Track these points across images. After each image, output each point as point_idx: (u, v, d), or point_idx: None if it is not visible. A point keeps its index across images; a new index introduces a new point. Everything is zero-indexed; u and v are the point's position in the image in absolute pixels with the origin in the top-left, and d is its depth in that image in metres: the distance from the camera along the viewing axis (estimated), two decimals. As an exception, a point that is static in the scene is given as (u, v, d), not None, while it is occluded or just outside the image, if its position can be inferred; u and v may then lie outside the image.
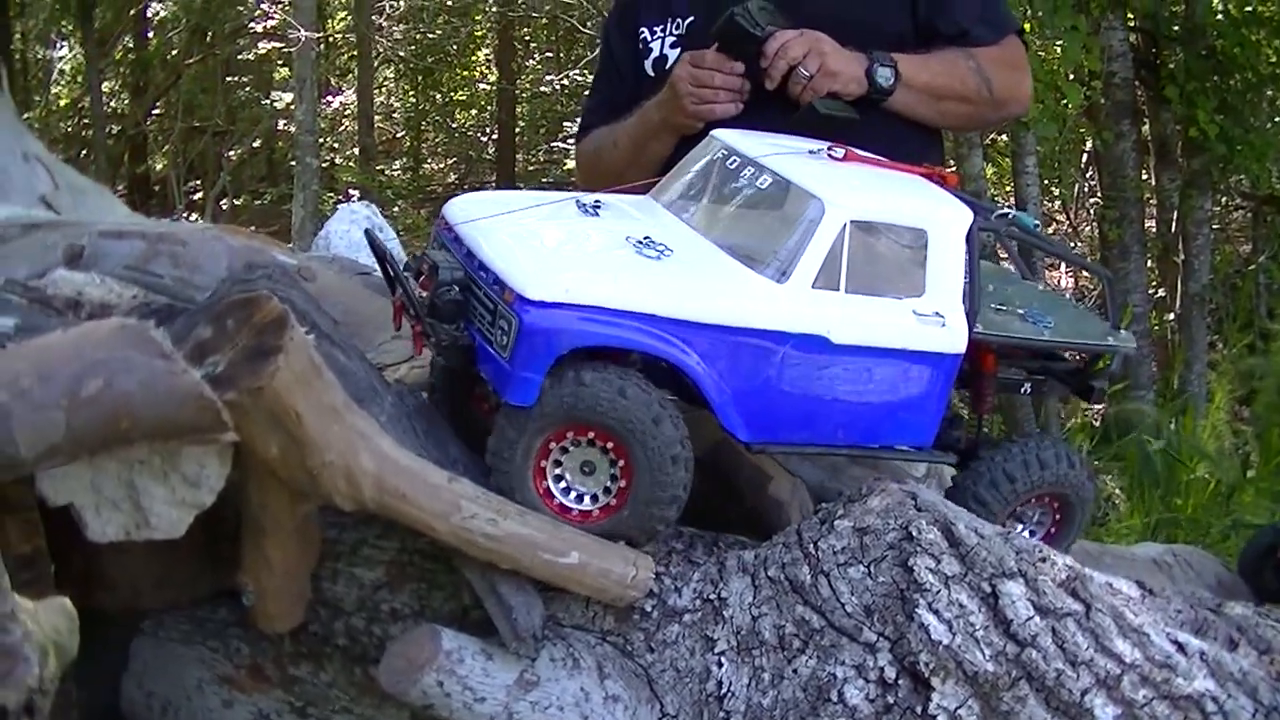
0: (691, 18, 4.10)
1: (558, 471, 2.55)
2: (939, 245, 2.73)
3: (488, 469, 2.64)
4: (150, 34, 21.68)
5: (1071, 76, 10.32)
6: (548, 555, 2.44)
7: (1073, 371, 3.09)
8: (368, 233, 2.90)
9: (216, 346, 2.21)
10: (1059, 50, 10.24)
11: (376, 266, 2.83)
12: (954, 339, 2.73)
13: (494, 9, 20.64)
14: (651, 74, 4.13)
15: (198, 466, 2.30)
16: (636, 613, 2.59)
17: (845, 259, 2.64)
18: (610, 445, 2.52)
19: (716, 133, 3.05)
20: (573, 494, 2.56)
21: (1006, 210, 3.05)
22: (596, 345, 2.49)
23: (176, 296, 3.03)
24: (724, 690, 2.50)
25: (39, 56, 21.70)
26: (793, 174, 2.77)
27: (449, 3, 21.13)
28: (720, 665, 2.52)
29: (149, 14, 21.00)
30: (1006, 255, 3.30)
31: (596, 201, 2.86)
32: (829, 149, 2.96)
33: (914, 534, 2.51)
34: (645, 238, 2.68)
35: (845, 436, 2.74)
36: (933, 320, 2.70)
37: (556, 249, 2.69)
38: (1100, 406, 11.80)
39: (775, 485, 2.98)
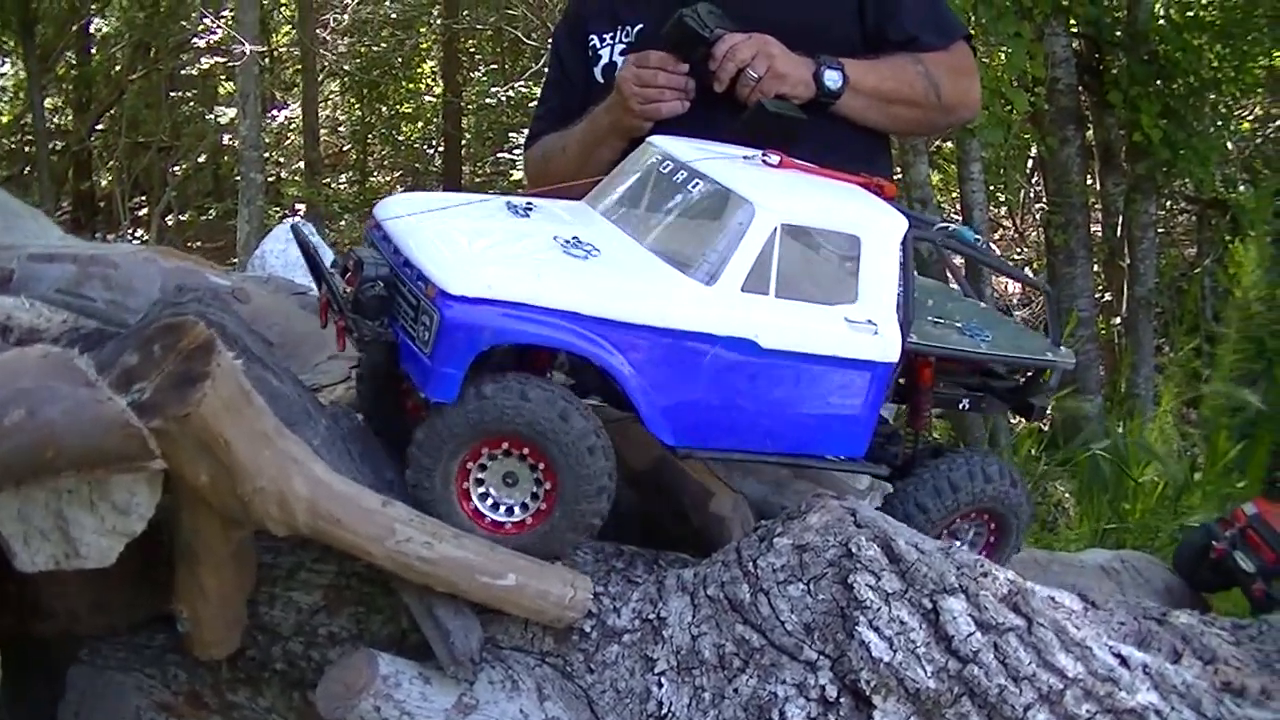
0: (640, 25, 4.11)
1: (481, 490, 2.53)
2: (872, 252, 2.72)
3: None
4: (93, 49, 21.59)
5: (1016, 83, 10.33)
6: (484, 577, 2.42)
7: (1012, 389, 3.08)
8: (294, 228, 2.90)
9: (143, 373, 2.18)
10: (1003, 57, 10.27)
11: (313, 285, 2.81)
12: (887, 347, 2.72)
13: (439, 22, 20.63)
14: (601, 81, 4.13)
15: (127, 494, 2.26)
16: (575, 633, 2.57)
17: (775, 263, 2.63)
18: (527, 451, 2.50)
19: (653, 139, 3.04)
20: (501, 508, 2.54)
21: (946, 224, 3.05)
22: (518, 343, 2.49)
23: (108, 320, 3.00)
24: (664, 711, 2.48)
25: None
26: (725, 178, 2.76)
27: (393, 16, 21.10)
28: (660, 685, 2.50)
29: (91, 29, 20.92)
30: (949, 271, 3.25)
31: (528, 204, 2.85)
32: (763, 155, 2.95)
33: (854, 550, 2.50)
34: (573, 238, 2.66)
35: (774, 444, 2.73)
36: (865, 328, 2.70)
37: (482, 246, 2.65)
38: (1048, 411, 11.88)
39: (717, 501, 2.96)
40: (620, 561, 2.73)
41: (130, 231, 18.90)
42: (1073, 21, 11.61)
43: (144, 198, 21.22)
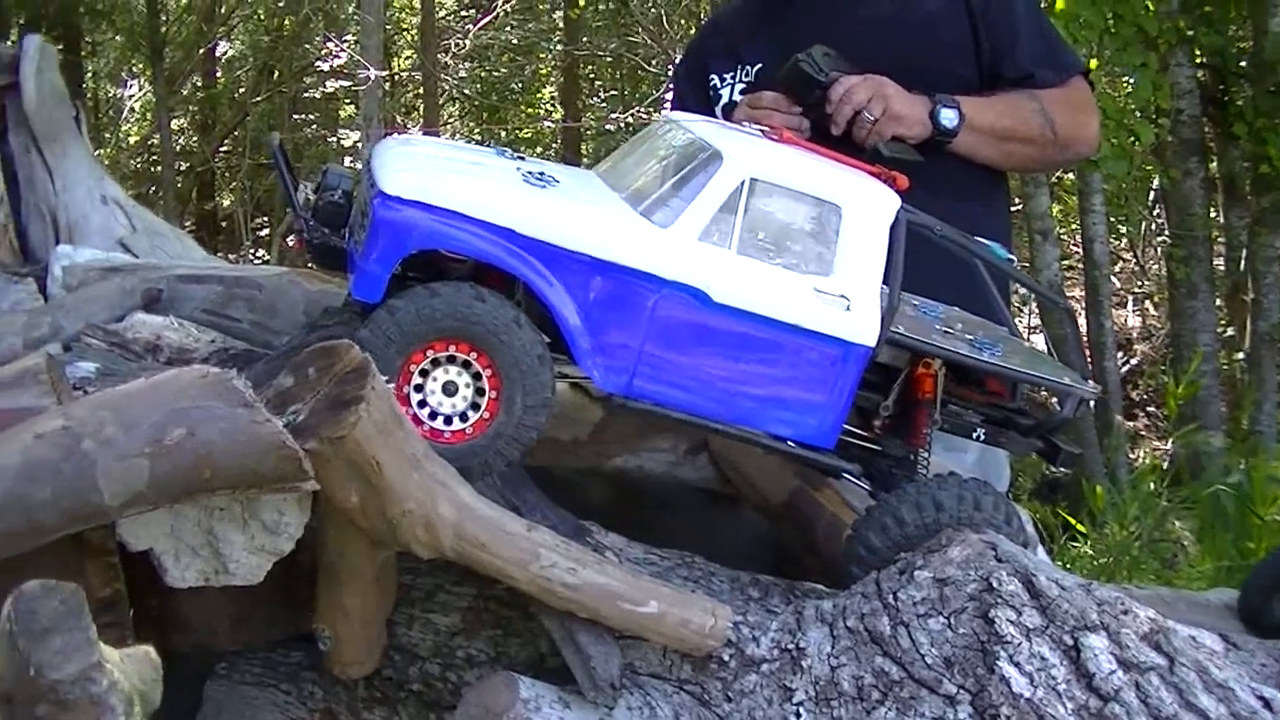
0: (760, 64, 4.14)
1: (420, 397, 2.51)
2: (854, 225, 2.62)
3: (565, 514, 2.64)
4: (218, 72, 21.92)
5: (1139, 114, 10.25)
6: (626, 604, 2.43)
7: (1034, 425, 2.94)
8: (268, 143, 2.94)
9: (298, 395, 2.22)
10: (1128, 88, 10.19)
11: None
12: (859, 327, 2.60)
13: (559, 47, 20.76)
14: (721, 119, 4.16)
15: (277, 514, 2.31)
16: (714, 662, 2.56)
17: (740, 218, 2.56)
18: (475, 356, 2.48)
19: (667, 113, 3.03)
20: (439, 418, 2.51)
21: (979, 239, 2.97)
22: (447, 249, 2.47)
23: (253, 341, 3.06)
24: (802, 741, 2.48)
25: (109, 94, 21.95)
26: (706, 134, 2.69)
27: (514, 41, 21.25)
28: (798, 716, 2.49)
29: (217, 52, 21.24)
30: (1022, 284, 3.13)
31: (521, 155, 2.81)
32: (766, 131, 2.86)
33: (995, 585, 2.48)
34: (540, 173, 2.62)
35: (721, 412, 2.62)
36: (835, 301, 2.59)
37: (439, 162, 2.64)
38: (1168, 447, 11.73)
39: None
40: (757, 591, 2.73)
41: (251, 251, 19.15)
42: (1197, 52, 11.50)
43: (265, 218, 21.49)
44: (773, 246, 2.58)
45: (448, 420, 2.52)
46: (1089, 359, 12.00)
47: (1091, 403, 11.31)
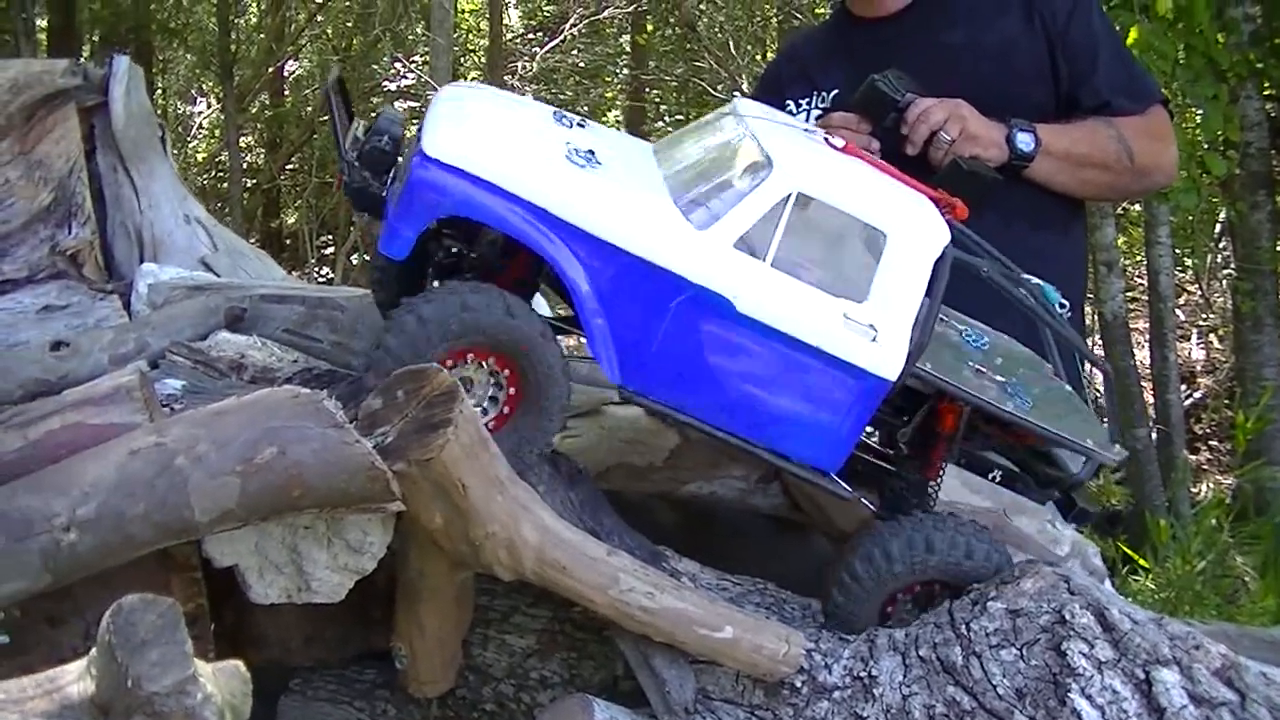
0: (836, 90, 4.17)
1: None
2: (897, 255, 2.55)
3: (642, 540, 2.67)
4: (286, 91, 22.06)
5: (1208, 146, 10.19)
6: (703, 630, 2.46)
7: (1054, 478, 2.88)
8: (336, 81, 2.91)
9: (386, 418, 2.26)
10: (1198, 120, 10.15)
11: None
12: (883, 359, 2.54)
13: (625, 72, 20.80)
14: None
15: (361, 533, 2.34)
16: (786, 688, 2.58)
17: (780, 230, 2.50)
18: (493, 359, 2.48)
19: (741, 99, 2.94)
20: None
21: (1030, 278, 2.88)
22: (478, 219, 2.46)
23: (334, 362, 3.09)
24: (874, 769, 2.49)
25: (179, 111, 22.14)
26: (764, 137, 2.64)
27: (581, 65, 21.32)
28: (870, 743, 2.52)
29: (285, 72, 21.38)
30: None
31: (582, 120, 2.80)
32: (828, 136, 2.78)
33: (1067, 618, 2.49)
34: (588, 150, 2.59)
35: (732, 423, 2.58)
36: (862, 330, 2.53)
37: (489, 129, 2.60)
38: (1231, 481, 11.64)
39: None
40: (831, 619, 2.75)
41: (316, 269, 19.25)
42: (1266, 84, 11.43)
43: (330, 236, 21.60)
44: (809, 264, 2.53)
45: None
46: (1153, 391, 11.95)
47: (1153, 436, 11.23)
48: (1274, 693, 2.49)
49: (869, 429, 2.70)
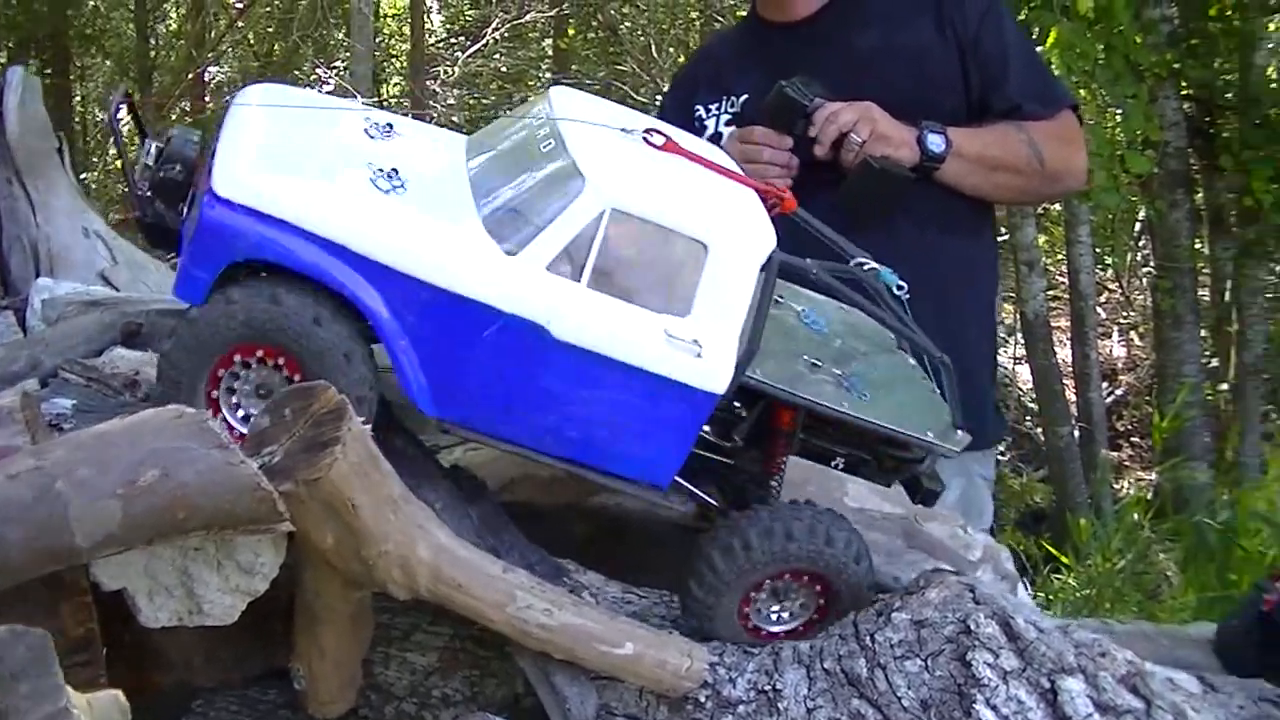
0: (746, 95, 4.16)
1: (234, 400, 2.43)
2: (720, 266, 2.44)
3: (544, 555, 2.63)
4: (207, 97, 21.91)
5: (1129, 145, 10.26)
6: (603, 646, 2.43)
7: (901, 461, 2.79)
8: (123, 97, 2.77)
9: (274, 436, 2.21)
10: (1118, 119, 10.22)
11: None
12: (709, 375, 2.45)
13: (548, 75, 20.77)
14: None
15: (252, 554, 2.29)
16: (690, 703, 2.55)
17: (595, 249, 2.39)
18: (282, 362, 2.38)
19: (558, 89, 2.79)
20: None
21: (866, 261, 2.80)
22: (275, 262, 2.34)
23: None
24: (778, 783, 2.47)
25: (97, 119, 21.96)
26: (576, 146, 2.49)
27: (503, 69, 21.27)
28: (775, 758, 2.49)
29: (206, 77, 21.23)
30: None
31: (389, 124, 2.67)
32: (647, 133, 2.59)
33: (972, 627, 2.48)
34: (392, 170, 2.47)
35: (557, 446, 2.49)
36: (686, 346, 2.43)
37: (286, 153, 2.47)
38: (1153, 477, 11.74)
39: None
40: (735, 631, 2.72)
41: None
42: (1184, 85, 11.53)
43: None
44: (628, 282, 2.44)
45: None
46: (1074, 389, 12.04)
47: (1075, 434, 11.29)
48: (1179, 698, 2.49)
49: (705, 426, 2.60)
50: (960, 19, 4.04)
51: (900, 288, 2.77)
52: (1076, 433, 11.63)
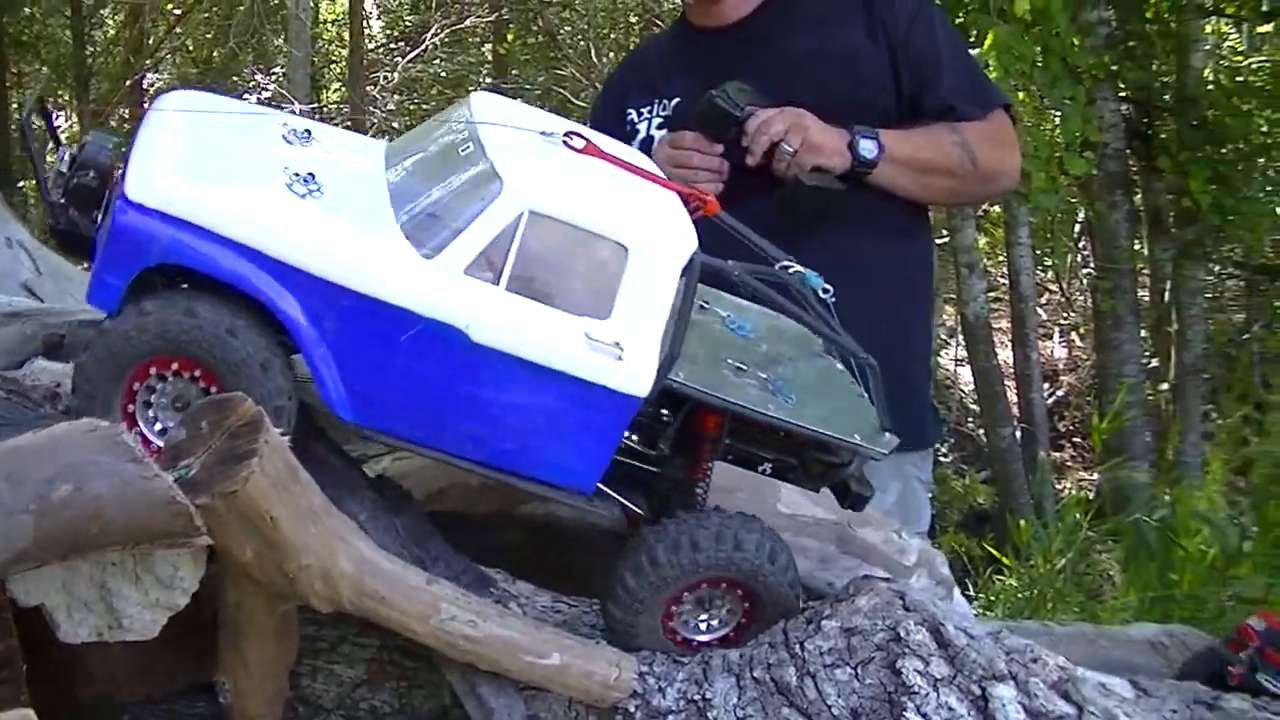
0: (678, 98, 4.14)
1: (150, 413, 2.38)
2: (641, 269, 2.43)
3: (469, 565, 2.60)
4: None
5: (1068, 147, 10.32)
6: (529, 657, 2.40)
7: (828, 465, 2.75)
8: (36, 105, 2.73)
9: (190, 449, 2.18)
10: (1056, 121, 10.29)
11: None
12: (630, 378, 2.42)
13: (488, 80, 20.76)
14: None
15: (171, 568, 2.26)
16: (620, 713, 2.53)
17: (514, 252, 2.36)
18: (199, 374, 2.34)
19: (478, 94, 2.74)
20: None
21: (792, 264, 2.79)
22: (187, 267, 2.30)
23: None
24: (709, 793, 2.45)
25: (35, 126, 21.80)
26: (493, 149, 2.46)
27: (443, 74, 21.23)
28: (705, 767, 2.48)
29: (145, 84, 21.11)
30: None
31: (308, 130, 2.64)
32: (566, 135, 2.55)
33: (902, 635, 2.47)
34: (308, 174, 2.43)
35: (477, 452, 2.45)
36: (607, 349, 2.41)
37: (199, 158, 2.42)
38: (1095, 478, 11.81)
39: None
40: (666, 639, 2.71)
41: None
42: (1122, 86, 11.61)
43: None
44: (547, 285, 2.41)
45: None
46: (1016, 390, 12.09)
47: (1017, 435, 11.33)
48: (1112, 704, 2.49)
49: (628, 433, 2.58)
50: (890, 21, 4.03)
51: (826, 291, 2.75)
52: (1018, 434, 11.70)
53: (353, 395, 2.37)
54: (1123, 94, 11.74)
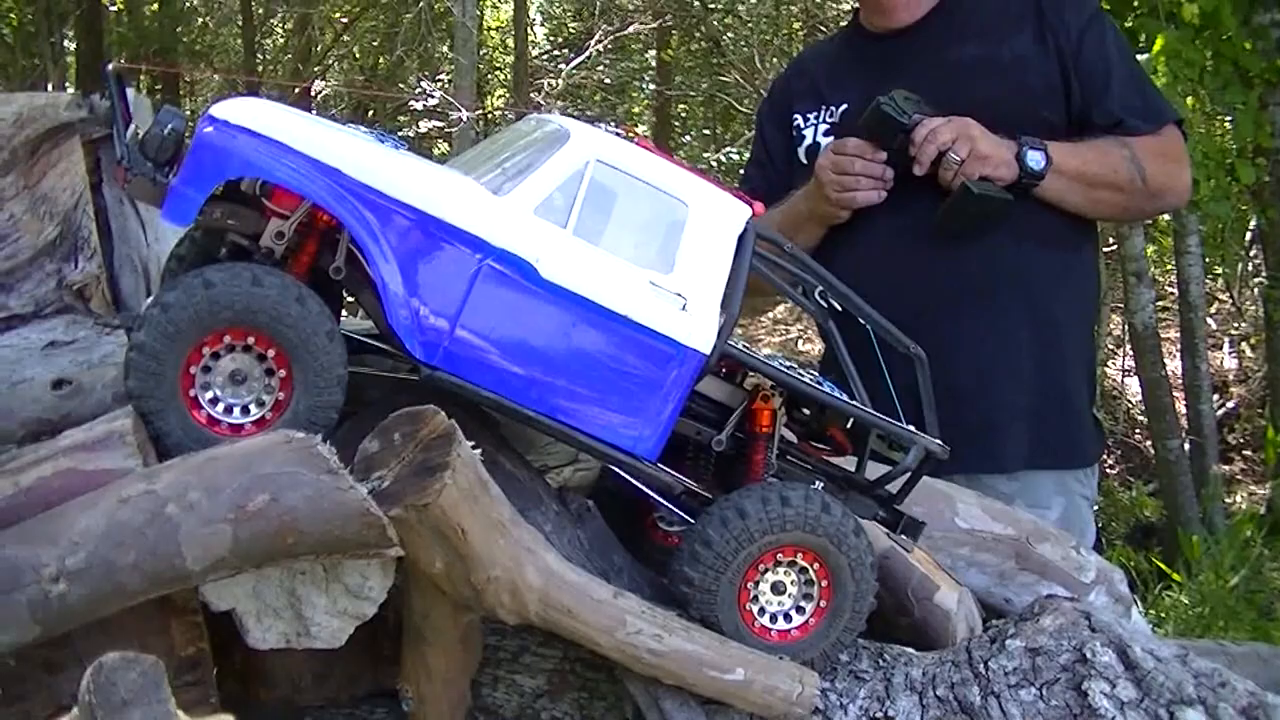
0: (845, 105, 4.13)
1: (206, 379, 2.36)
2: (699, 227, 2.48)
3: (653, 577, 2.60)
4: (313, 109, 22.14)
5: (1237, 153, 10.11)
6: (713, 672, 2.41)
7: (877, 480, 2.73)
8: (115, 75, 2.75)
9: (383, 461, 2.21)
10: (1227, 127, 10.09)
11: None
12: (693, 330, 2.44)
13: (651, 87, 20.81)
14: (805, 161, 4.15)
15: (360, 578, 2.30)
16: (801, 729, 2.52)
17: (581, 199, 2.42)
18: (253, 341, 2.34)
19: (533, 115, 2.80)
20: (236, 409, 2.37)
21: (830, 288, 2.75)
22: (267, 180, 2.36)
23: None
24: (890, 812, 2.44)
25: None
26: (560, 119, 2.57)
27: (607, 81, 21.33)
28: (887, 786, 2.46)
29: (313, 91, 21.45)
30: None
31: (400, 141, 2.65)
32: (618, 126, 2.62)
33: (1088, 656, 2.44)
34: (393, 137, 2.52)
35: (537, 401, 2.43)
36: (671, 298, 2.44)
37: (281, 109, 2.46)
38: (1266, 491, 11.56)
39: (942, 595, 2.89)
40: (845, 655, 2.68)
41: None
42: (1296, 91, 11.36)
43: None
44: (612, 234, 2.46)
45: (245, 410, 2.38)
46: (1184, 401, 11.87)
47: (1185, 447, 11.15)
48: (1304, 730, 2.44)
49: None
50: (1062, 29, 3.98)
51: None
52: (1187, 446, 11.46)
53: (421, 329, 2.37)
54: (1297, 99, 11.48)
